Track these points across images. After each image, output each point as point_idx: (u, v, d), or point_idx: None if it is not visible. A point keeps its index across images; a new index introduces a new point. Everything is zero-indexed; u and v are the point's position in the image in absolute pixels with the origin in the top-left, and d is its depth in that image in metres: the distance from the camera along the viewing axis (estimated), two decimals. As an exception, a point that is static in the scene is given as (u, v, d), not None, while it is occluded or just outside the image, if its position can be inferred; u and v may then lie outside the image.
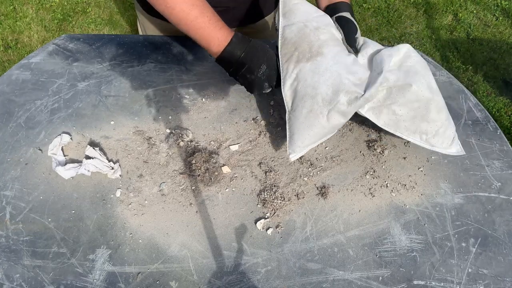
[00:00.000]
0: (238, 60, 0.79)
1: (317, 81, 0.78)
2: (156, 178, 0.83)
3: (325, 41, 0.80)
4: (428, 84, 0.79)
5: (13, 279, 0.69)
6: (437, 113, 0.80)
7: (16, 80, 0.97)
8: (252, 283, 0.71)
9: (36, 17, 2.57)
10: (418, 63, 0.81)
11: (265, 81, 0.81)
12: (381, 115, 0.81)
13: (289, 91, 0.81)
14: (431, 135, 0.82)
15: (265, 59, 0.80)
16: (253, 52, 0.79)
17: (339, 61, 0.79)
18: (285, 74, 0.81)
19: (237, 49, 0.78)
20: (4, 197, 0.78)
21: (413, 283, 0.72)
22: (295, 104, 0.81)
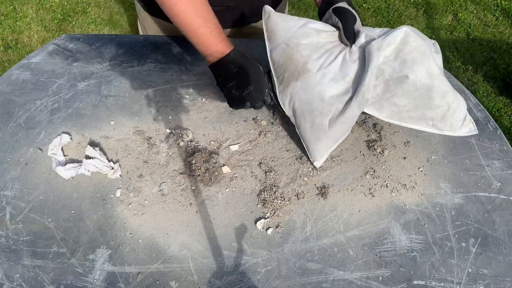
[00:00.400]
0: (229, 74, 0.81)
1: (310, 97, 0.80)
2: (156, 178, 0.83)
3: (309, 56, 0.81)
4: (428, 70, 0.76)
5: (13, 279, 0.69)
6: (441, 98, 0.78)
7: (16, 80, 0.97)
8: (252, 283, 0.71)
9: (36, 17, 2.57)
10: (416, 49, 0.77)
11: (248, 101, 0.82)
12: (382, 108, 0.81)
13: (290, 110, 0.85)
14: (438, 120, 0.80)
15: (254, 81, 0.81)
16: (245, 71, 0.81)
17: (325, 73, 0.80)
18: (282, 95, 0.85)
19: (231, 64, 0.81)
20: (4, 197, 0.78)
21: (413, 283, 0.72)
22: (298, 121, 0.84)
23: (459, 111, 0.81)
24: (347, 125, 0.81)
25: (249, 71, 0.82)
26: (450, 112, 0.80)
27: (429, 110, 0.79)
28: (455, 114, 0.80)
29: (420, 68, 0.76)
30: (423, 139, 0.92)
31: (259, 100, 0.83)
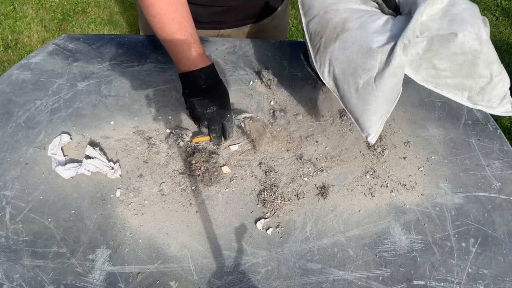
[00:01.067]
0: (197, 89, 0.79)
1: (350, 54, 0.73)
2: (156, 178, 0.83)
3: (348, 17, 0.77)
4: (477, 33, 0.70)
5: (13, 279, 0.69)
6: (486, 68, 0.71)
7: (16, 80, 0.97)
8: (252, 283, 0.71)
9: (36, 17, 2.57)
10: (466, 10, 0.72)
11: (206, 120, 0.80)
12: (419, 70, 0.73)
13: (330, 80, 0.78)
14: (475, 92, 0.73)
15: (219, 103, 0.80)
16: (213, 90, 0.80)
17: (366, 29, 0.74)
18: (319, 64, 0.79)
19: (202, 79, 0.79)
20: (4, 197, 0.78)
21: (413, 283, 0.72)
22: (341, 89, 0.77)
23: (501, 87, 0.74)
24: (396, 79, 0.72)
25: (217, 92, 0.81)
26: (491, 86, 0.73)
27: (470, 79, 0.72)
28: (496, 89, 0.74)
29: (470, 29, 0.69)
30: (423, 139, 0.92)
31: (217, 123, 0.81)
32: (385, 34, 0.73)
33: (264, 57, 1.06)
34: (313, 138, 0.91)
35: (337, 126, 0.93)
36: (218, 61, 1.04)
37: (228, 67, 1.03)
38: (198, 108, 0.79)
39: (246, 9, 1.07)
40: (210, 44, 1.07)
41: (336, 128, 0.93)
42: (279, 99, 0.98)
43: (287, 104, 0.97)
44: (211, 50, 1.06)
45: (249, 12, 1.09)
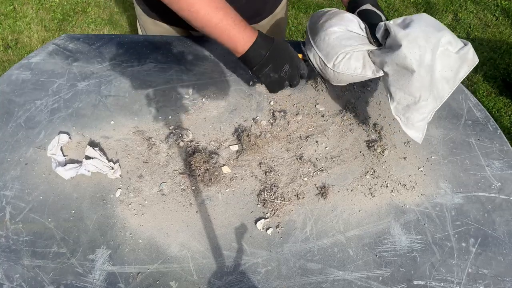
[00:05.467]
0: (263, 59, 0.80)
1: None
2: (156, 178, 0.83)
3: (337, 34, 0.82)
4: (421, 56, 0.74)
5: (13, 279, 0.69)
6: (417, 90, 0.77)
7: (16, 80, 0.97)
8: (252, 283, 0.71)
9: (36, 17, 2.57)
10: (422, 32, 0.75)
11: (286, 80, 0.83)
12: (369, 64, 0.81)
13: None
14: (401, 105, 0.80)
15: (288, 59, 0.82)
16: (277, 52, 0.81)
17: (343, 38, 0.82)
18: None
19: (261, 49, 0.80)
20: (4, 197, 0.78)
21: (413, 283, 0.72)
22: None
23: (422, 112, 0.79)
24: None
25: (281, 50, 0.82)
26: (415, 107, 0.78)
27: (401, 92, 0.78)
28: (417, 112, 0.79)
29: (416, 50, 0.74)
30: (423, 139, 0.92)
31: (297, 76, 0.84)
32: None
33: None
34: (313, 138, 0.91)
35: (337, 126, 0.93)
36: (218, 61, 1.04)
37: (228, 67, 1.03)
38: (274, 75, 0.81)
39: (245, 10, 1.07)
40: (210, 44, 1.07)
41: (336, 128, 0.93)
42: (279, 99, 0.98)
43: (287, 104, 0.97)
44: (211, 50, 1.06)
45: (248, 14, 1.09)
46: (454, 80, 0.79)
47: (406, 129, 0.81)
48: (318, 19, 0.86)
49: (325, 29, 0.82)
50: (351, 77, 0.82)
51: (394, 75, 0.78)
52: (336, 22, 0.82)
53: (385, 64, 0.78)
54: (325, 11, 0.88)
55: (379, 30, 0.81)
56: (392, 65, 0.77)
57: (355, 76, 0.82)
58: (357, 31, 0.83)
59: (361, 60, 0.81)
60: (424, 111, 0.80)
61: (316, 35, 0.84)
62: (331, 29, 0.82)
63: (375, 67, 0.81)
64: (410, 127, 0.81)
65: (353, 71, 0.81)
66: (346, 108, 0.97)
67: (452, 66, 0.77)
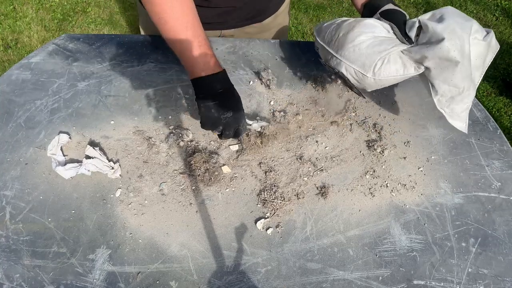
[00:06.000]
0: (214, 93, 0.77)
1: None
2: (156, 178, 0.83)
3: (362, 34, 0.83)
4: (462, 46, 0.76)
5: (13, 279, 0.69)
6: (462, 80, 0.78)
7: (16, 80, 0.97)
8: (252, 283, 0.71)
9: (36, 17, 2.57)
10: (457, 24, 0.77)
11: (221, 125, 0.78)
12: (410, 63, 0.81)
13: None
14: (445, 97, 0.80)
15: (235, 108, 0.78)
16: (230, 95, 0.79)
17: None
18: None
19: (218, 83, 0.78)
20: (4, 197, 0.78)
21: (413, 283, 0.72)
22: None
23: (466, 102, 0.81)
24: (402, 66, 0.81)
25: (233, 97, 0.79)
26: (459, 98, 0.80)
27: (445, 85, 0.79)
28: (462, 102, 0.81)
29: (457, 41, 0.75)
30: (423, 139, 0.92)
31: (232, 129, 0.78)
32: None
33: (264, 57, 1.06)
34: (313, 138, 0.91)
35: (337, 126, 0.93)
36: (218, 61, 1.04)
37: (228, 67, 1.03)
38: (215, 112, 0.77)
39: (249, 9, 1.07)
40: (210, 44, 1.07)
41: (336, 128, 0.93)
42: (279, 99, 0.98)
43: (287, 104, 0.97)
44: (211, 50, 1.06)
45: (251, 13, 1.09)
46: (483, 67, 0.81)
47: (452, 121, 0.82)
48: (335, 31, 0.86)
49: (351, 41, 0.82)
50: (394, 79, 0.83)
51: (437, 69, 0.78)
52: (361, 30, 0.82)
53: (426, 59, 0.78)
54: (336, 22, 0.87)
55: (412, 28, 0.81)
56: (434, 59, 0.77)
57: (398, 77, 0.82)
58: (385, 34, 0.83)
59: (399, 61, 0.81)
60: (467, 100, 0.81)
61: (342, 49, 0.83)
62: (359, 38, 0.81)
63: (415, 64, 0.81)
64: (456, 118, 0.82)
65: (395, 73, 0.81)
66: (346, 108, 0.97)
67: (482, 54, 0.79)
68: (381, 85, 0.85)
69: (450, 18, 0.78)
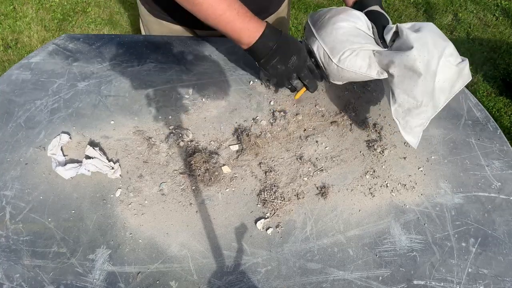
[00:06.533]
0: (271, 51, 0.80)
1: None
2: (156, 178, 0.83)
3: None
4: (429, 61, 0.75)
5: (13, 279, 0.69)
6: (421, 94, 0.77)
7: (16, 80, 0.97)
8: (252, 283, 0.71)
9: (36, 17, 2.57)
10: (431, 39, 0.77)
11: (294, 72, 0.83)
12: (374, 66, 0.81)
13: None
14: (402, 108, 0.80)
15: (295, 51, 0.82)
16: (284, 43, 0.81)
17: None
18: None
19: (269, 40, 0.80)
20: (4, 197, 0.78)
21: (413, 283, 0.72)
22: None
23: (421, 118, 0.80)
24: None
25: (289, 42, 0.81)
26: (416, 112, 0.79)
27: (405, 95, 0.79)
28: (417, 117, 0.80)
29: (425, 54, 0.75)
30: (423, 139, 0.92)
31: (304, 68, 0.83)
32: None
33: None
34: (313, 138, 0.91)
35: (337, 126, 0.93)
36: (218, 61, 1.04)
37: (228, 67, 1.03)
38: (282, 66, 0.80)
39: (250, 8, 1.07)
40: (210, 44, 1.07)
41: (336, 128, 0.93)
42: (279, 99, 0.98)
43: (287, 104, 0.97)
44: (211, 50, 1.06)
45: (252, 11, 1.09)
46: (450, 92, 0.81)
47: (404, 133, 0.82)
48: (324, 14, 0.86)
49: (332, 23, 0.82)
50: (354, 74, 0.82)
51: (400, 77, 0.78)
52: (345, 17, 0.82)
53: (392, 65, 0.78)
54: (329, 9, 0.88)
55: (389, 32, 0.81)
56: (400, 67, 0.77)
57: (359, 74, 0.82)
58: (365, 29, 0.83)
59: (367, 60, 0.81)
60: (423, 116, 0.81)
61: (322, 29, 0.84)
62: (340, 24, 0.82)
63: (380, 68, 0.81)
64: (408, 131, 0.82)
65: (358, 69, 0.81)
66: (346, 108, 0.97)
67: (450, 78, 0.79)
68: (341, 76, 0.84)
69: (426, 32, 0.77)
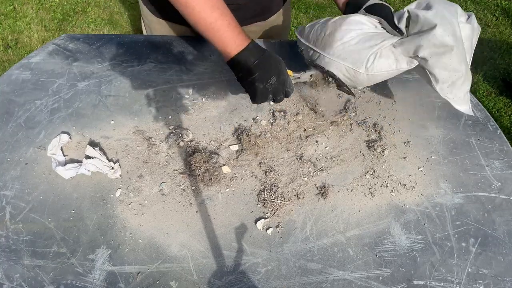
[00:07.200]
0: (250, 67, 0.78)
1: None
2: (156, 178, 0.83)
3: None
4: (454, 30, 0.76)
5: (13, 279, 0.69)
6: (459, 63, 0.78)
7: (16, 80, 0.97)
8: (252, 283, 0.71)
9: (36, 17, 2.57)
10: (445, 9, 0.78)
11: (270, 93, 0.80)
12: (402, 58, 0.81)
13: None
14: (447, 84, 0.80)
15: (276, 72, 0.79)
16: (266, 62, 0.79)
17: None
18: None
19: (251, 56, 0.78)
20: (4, 197, 0.78)
21: (413, 283, 0.72)
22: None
23: (467, 84, 0.82)
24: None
25: (271, 62, 0.80)
26: (460, 81, 0.80)
27: (445, 71, 0.79)
28: (463, 85, 0.81)
29: (448, 26, 0.76)
30: (423, 139, 0.92)
31: (281, 92, 0.81)
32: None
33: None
34: (313, 138, 0.91)
35: (337, 126, 0.93)
36: (218, 61, 1.04)
37: (228, 67, 1.02)
38: (260, 85, 0.78)
39: (253, 7, 1.07)
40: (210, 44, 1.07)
41: (336, 128, 0.93)
42: (279, 99, 0.98)
43: (287, 104, 0.97)
44: (211, 50, 1.06)
45: (256, 10, 1.09)
46: (471, 49, 0.82)
47: (457, 106, 0.83)
48: (321, 32, 0.85)
49: (339, 39, 0.82)
50: (386, 74, 0.83)
51: (434, 57, 0.78)
52: (347, 28, 0.82)
53: (421, 49, 0.78)
54: (319, 22, 0.87)
55: (402, 19, 0.81)
56: (430, 48, 0.77)
57: (391, 72, 0.82)
58: (373, 30, 0.83)
59: (392, 56, 0.81)
60: (467, 83, 0.82)
61: (331, 47, 0.83)
62: (347, 36, 0.81)
63: (407, 58, 0.81)
64: (460, 102, 0.83)
65: (388, 68, 0.81)
66: (346, 108, 0.97)
67: (468, 36, 0.80)
68: (373, 81, 0.84)
69: (437, 5, 0.78)
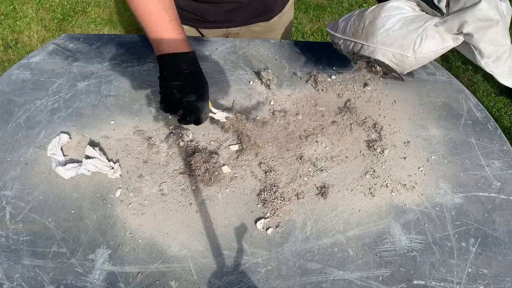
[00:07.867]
0: (179, 73, 0.73)
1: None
2: (156, 178, 0.83)
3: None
4: (497, 6, 0.77)
5: (13, 279, 0.69)
6: (504, 37, 0.78)
7: (16, 80, 0.97)
8: (252, 283, 0.71)
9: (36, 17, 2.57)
10: None
11: (182, 108, 0.74)
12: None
13: None
14: (492, 59, 0.81)
15: (199, 92, 0.74)
16: (195, 78, 0.75)
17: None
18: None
19: (185, 63, 0.74)
20: (4, 197, 0.78)
21: (413, 283, 0.72)
22: None
23: (511, 60, 0.81)
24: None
25: (199, 81, 0.75)
26: (506, 55, 0.80)
27: (491, 46, 0.79)
28: (509, 59, 0.81)
29: (492, 0, 0.76)
30: (423, 139, 0.92)
31: (193, 113, 0.74)
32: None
33: (264, 57, 1.06)
34: (313, 138, 0.91)
35: (337, 126, 0.93)
36: (218, 61, 1.04)
37: (228, 67, 1.03)
38: (177, 94, 0.72)
39: (255, 7, 1.07)
40: (210, 44, 1.07)
41: (336, 128, 0.93)
42: (279, 99, 0.98)
43: (287, 104, 0.97)
44: (211, 50, 1.06)
45: (258, 10, 1.08)
46: (509, 21, 0.82)
47: (502, 80, 0.83)
48: (359, 23, 0.86)
49: (381, 26, 0.82)
50: (434, 55, 0.83)
51: (479, 31, 0.78)
52: (387, 15, 0.83)
53: (465, 25, 0.78)
54: (354, 14, 0.88)
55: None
56: (475, 23, 0.77)
57: (438, 51, 0.82)
58: (412, 13, 0.83)
59: (437, 36, 0.81)
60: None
61: (374, 36, 0.83)
62: (388, 22, 0.82)
63: (452, 35, 0.81)
64: (506, 77, 0.83)
65: (435, 48, 0.81)
66: (346, 108, 0.97)
67: (508, 12, 0.80)
68: (421, 63, 0.85)
69: None
